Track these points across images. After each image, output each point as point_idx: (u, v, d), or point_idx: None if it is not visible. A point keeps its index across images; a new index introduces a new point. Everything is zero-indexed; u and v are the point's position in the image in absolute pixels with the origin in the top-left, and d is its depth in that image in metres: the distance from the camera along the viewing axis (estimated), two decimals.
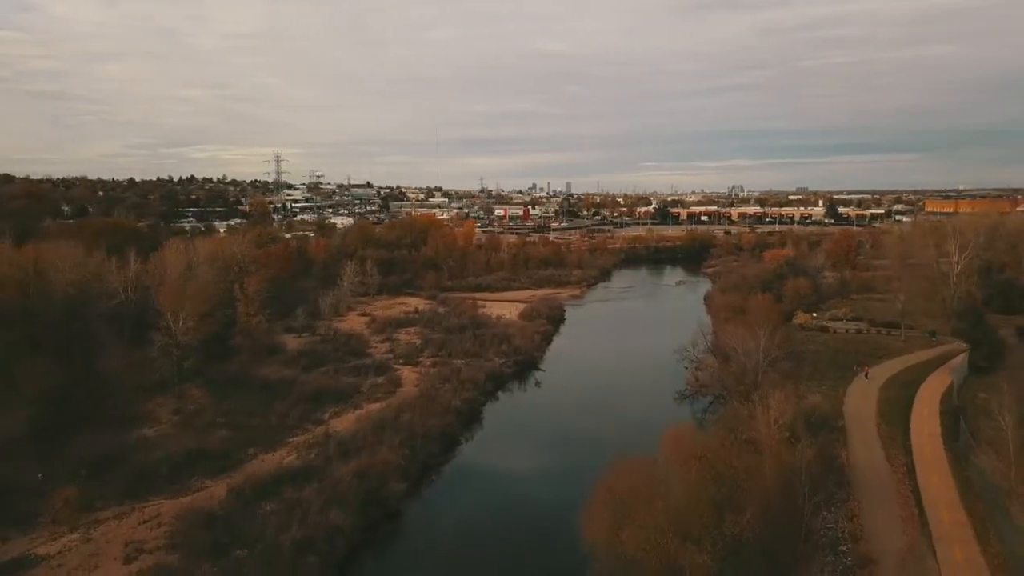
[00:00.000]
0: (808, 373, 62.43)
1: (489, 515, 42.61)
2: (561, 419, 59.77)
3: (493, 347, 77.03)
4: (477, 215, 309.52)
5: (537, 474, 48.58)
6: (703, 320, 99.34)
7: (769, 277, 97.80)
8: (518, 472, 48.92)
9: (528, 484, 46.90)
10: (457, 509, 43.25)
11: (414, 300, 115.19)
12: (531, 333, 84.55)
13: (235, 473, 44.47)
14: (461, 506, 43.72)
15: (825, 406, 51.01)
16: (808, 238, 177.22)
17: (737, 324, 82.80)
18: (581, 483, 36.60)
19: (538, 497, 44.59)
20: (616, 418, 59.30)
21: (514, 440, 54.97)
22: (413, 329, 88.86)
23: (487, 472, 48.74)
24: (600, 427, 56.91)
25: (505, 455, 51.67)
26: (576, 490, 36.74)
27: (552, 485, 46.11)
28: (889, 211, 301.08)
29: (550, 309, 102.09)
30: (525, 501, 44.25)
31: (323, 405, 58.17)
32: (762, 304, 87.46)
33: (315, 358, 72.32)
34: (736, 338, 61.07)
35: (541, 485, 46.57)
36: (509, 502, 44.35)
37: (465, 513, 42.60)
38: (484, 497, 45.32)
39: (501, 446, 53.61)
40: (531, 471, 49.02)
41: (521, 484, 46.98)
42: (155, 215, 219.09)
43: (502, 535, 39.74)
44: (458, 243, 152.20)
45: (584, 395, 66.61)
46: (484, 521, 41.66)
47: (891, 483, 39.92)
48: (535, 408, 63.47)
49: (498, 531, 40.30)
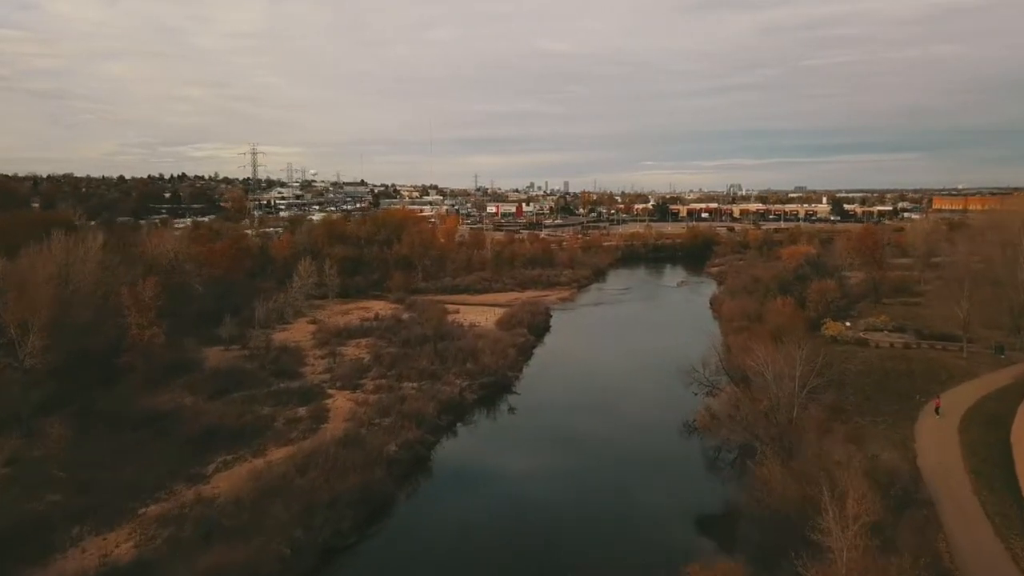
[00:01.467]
0: (856, 404, 47.99)
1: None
2: (534, 468, 45.09)
3: (457, 365, 62.49)
4: (468, 212, 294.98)
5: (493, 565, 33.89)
6: (711, 329, 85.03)
7: (788, 278, 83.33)
8: (464, 560, 34.19)
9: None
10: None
11: (379, 304, 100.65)
12: (506, 346, 69.85)
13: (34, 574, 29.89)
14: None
15: (895, 461, 36.51)
16: (818, 235, 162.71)
17: (755, 336, 68.44)
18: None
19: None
20: (607, 465, 44.75)
21: (464, 504, 40.13)
22: (365, 341, 74.20)
23: (419, 557, 34.04)
24: (585, 482, 42.34)
25: (448, 530, 36.87)
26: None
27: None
28: (896, 209, 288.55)
29: (533, 315, 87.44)
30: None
31: (214, 450, 43.51)
32: (783, 311, 73.24)
33: (232, 380, 57.80)
34: (761, 358, 46.59)
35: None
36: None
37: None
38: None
39: (444, 515, 38.74)
40: (485, 557, 34.30)
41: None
42: (125, 211, 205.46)
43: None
44: (437, 240, 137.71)
45: (566, 429, 51.85)
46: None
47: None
48: (501, 449, 48.73)
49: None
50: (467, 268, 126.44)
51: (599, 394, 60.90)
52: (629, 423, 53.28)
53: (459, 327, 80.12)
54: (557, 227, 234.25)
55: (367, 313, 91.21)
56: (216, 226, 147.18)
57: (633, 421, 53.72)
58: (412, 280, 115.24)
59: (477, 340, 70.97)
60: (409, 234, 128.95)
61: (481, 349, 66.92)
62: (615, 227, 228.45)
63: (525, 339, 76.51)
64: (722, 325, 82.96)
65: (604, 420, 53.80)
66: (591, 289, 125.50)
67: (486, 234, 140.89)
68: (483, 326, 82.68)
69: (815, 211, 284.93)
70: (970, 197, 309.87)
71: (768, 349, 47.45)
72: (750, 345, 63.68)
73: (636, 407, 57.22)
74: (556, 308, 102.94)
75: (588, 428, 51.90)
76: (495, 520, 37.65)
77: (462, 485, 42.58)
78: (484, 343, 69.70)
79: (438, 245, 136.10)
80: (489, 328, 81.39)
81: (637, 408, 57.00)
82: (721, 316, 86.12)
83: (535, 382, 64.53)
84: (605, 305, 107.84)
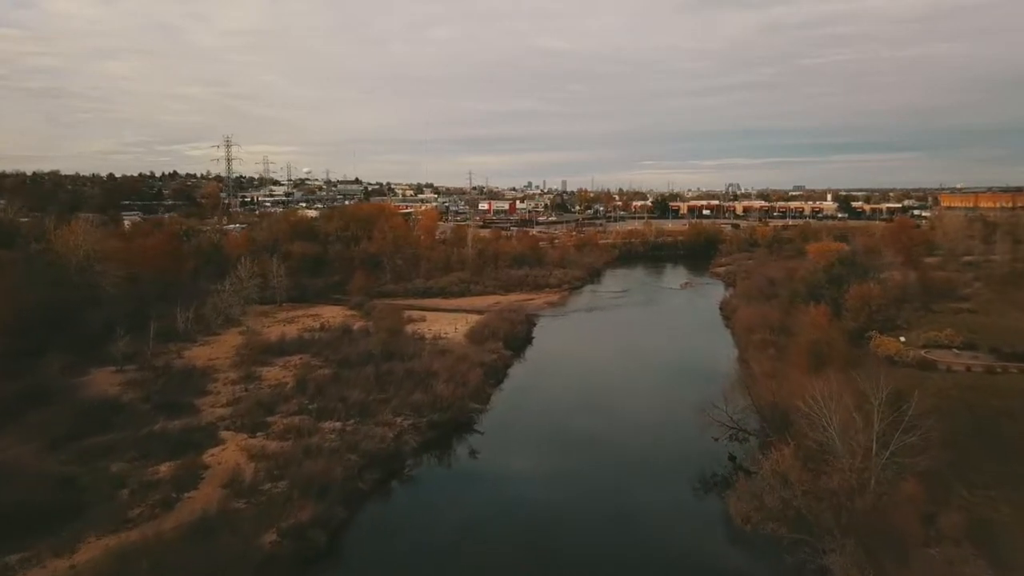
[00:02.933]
0: (951, 464, 33.49)
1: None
2: (489, 568, 30.57)
3: (404, 394, 48.03)
4: (459, 210, 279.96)
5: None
6: (724, 341, 70.80)
7: (818, 280, 68.90)
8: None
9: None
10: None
11: (335, 310, 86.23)
12: (472, 366, 55.33)
13: None
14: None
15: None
16: (831, 233, 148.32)
17: (785, 355, 54.25)
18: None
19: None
20: (597, 565, 30.34)
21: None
22: (299, 358, 59.76)
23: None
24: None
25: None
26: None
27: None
28: (905, 206, 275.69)
29: (512, 324, 73.04)
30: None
31: (4, 539, 29.08)
32: (817, 321, 59.00)
33: (99, 417, 43.40)
34: (817, 399, 32.28)
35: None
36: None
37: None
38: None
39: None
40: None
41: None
42: (92, 208, 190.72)
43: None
44: (412, 236, 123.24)
45: (540, 502, 37.19)
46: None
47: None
48: (443, 531, 34.07)
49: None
50: (445, 268, 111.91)
51: (586, 435, 46.30)
52: (628, 491, 37.73)
53: (419, 340, 65.85)
54: (551, 224, 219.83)
55: (317, 320, 76.87)
56: (171, 221, 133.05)
57: (633, 487, 38.40)
58: (378, 282, 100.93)
59: (436, 359, 56.53)
60: (380, 230, 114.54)
61: (438, 372, 52.48)
62: (613, 224, 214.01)
63: (498, 356, 62.04)
64: (738, 337, 68.70)
65: (592, 482, 39.13)
66: (584, 291, 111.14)
67: (469, 230, 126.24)
68: (450, 338, 68.35)
69: (821, 208, 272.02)
70: (980, 195, 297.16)
71: (825, 385, 33.20)
72: (781, 370, 49.68)
73: (636, 459, 42.32)
74: (543, 314, 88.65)
75: (571, 497, 37.26)
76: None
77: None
78: (445, 362, 55.28)
79: (413, 242, 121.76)
80: (457, 341, 67.05)
81: (638, 460, 42.04)
82: (736, 326, 71.84)
83: (505, 417, 49.83)
84: (599, 311, 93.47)
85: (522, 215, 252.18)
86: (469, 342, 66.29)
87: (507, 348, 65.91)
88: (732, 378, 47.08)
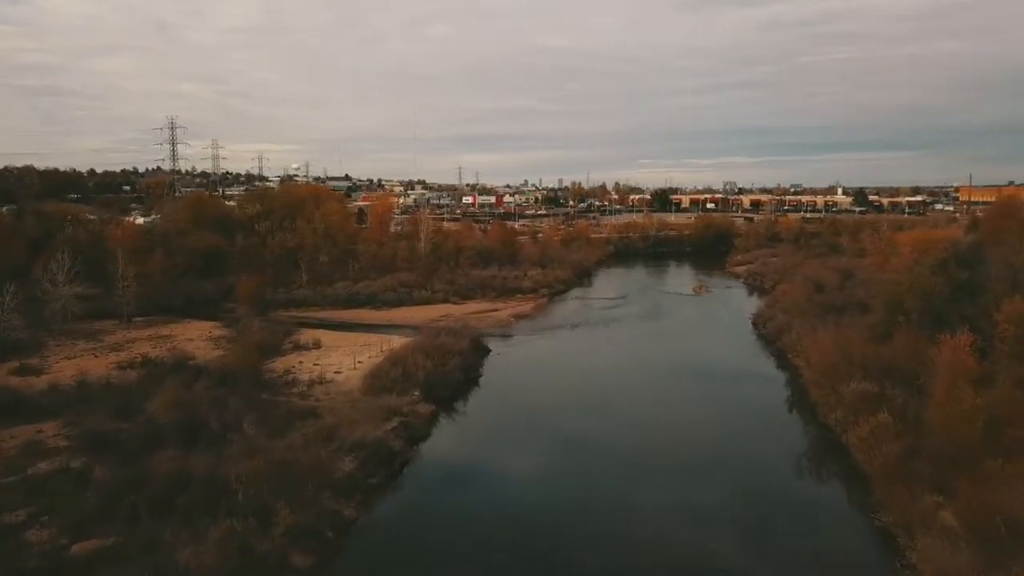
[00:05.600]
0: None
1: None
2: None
3: None
4: (444, 203, 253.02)
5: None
6: (778, 385, 44.81)
7: (936, 288, 42.78)
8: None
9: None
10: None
11: (203, 327, 59.89)
12: (331, 458, 29.03)
13: None
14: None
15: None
16: (864, 225, 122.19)
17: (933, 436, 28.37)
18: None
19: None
20: None
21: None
22: (49, 426, 33.34)
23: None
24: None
25: None
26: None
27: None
28: (923, 200, 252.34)
29: (444, 355, 46.19)
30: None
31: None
32: (962, 362, 33.32)
33: None
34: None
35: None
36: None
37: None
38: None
39: None
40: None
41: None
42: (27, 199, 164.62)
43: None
44: (350, 227, 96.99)
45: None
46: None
47: None
48: None
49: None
50: (386, 267, 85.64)
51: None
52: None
53: (288, 384, 39.80)
54: (537, 217, 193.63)
55: (156, 347, 50.63)
56: (73, 210, 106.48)
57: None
58: (292, 285, 74.89)
59: (277, 436, 30.24)
60: (306, 217, 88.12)
61: (260, 473, 26.15)
62: (607, 218, 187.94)
63: (403, 422, 35.50)
64: (815, 386, 42.18)
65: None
66: (568, 298, 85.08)
67: (424, 219, 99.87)
68: (340, 380, 42.24)
69: (836, 202, 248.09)
70: (1005, 188, 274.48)
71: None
72: (920, 470, 23.77)
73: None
74: (506, 332, 62.70)
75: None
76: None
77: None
78: (289, 444, 29.06)
79: (354, 234, 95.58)
80: (348, 387, 40.87)
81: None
82: (805, 362, 45.39)
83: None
84: (586, 327, 67.11)
85: (508, 208, 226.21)
86: (365, 389, 40.04)
87: (428, 399, 39.64)
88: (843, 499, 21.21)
